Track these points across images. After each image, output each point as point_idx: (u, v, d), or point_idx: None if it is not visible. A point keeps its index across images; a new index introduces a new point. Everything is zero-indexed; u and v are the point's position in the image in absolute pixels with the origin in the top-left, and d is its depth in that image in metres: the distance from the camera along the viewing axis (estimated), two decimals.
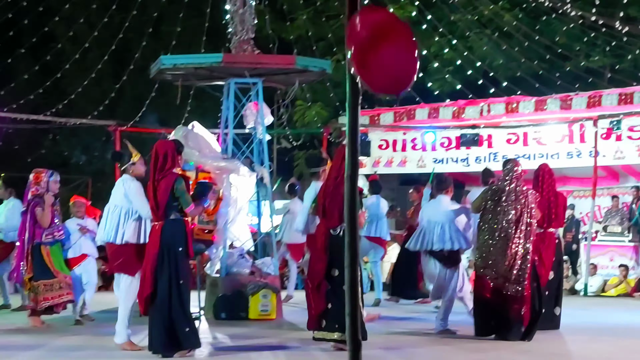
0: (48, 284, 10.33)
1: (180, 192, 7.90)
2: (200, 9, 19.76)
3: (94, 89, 21.45)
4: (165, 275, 7.85)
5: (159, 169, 7.99)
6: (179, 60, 12.80)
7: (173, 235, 7.91)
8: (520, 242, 9.34)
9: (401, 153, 19.28)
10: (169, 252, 7.87)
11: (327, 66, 13.35)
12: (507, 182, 9.53)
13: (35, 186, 10.63)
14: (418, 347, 9.01)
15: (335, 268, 8.30)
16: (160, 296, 7.87)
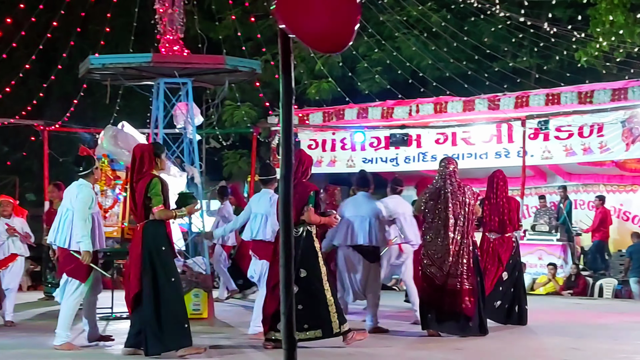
0: None
1: (153, 192, 7.94)
2: (128, 9, 19.56)
3: (20, 89, 21.09)
4: (150, 275, 7.85)
5: (136, 171, 8.11)
6: (108, 60, 12.68)
7: (154, 236, 7.95)
8: (458, 238, 9.53)
9: (330, 153, 19.37)
10: (152, 253, 7.90)
11: (257, 66, 13.38)
12: (442, 181, 9.72)
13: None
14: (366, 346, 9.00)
15: (302, 269, 8.37)
16: (147, 296, 7.85)
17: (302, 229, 8.50)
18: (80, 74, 13.11)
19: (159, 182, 8.04)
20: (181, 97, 13.06)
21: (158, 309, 7.87)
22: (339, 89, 20.54)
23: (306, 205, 8.47)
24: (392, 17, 21.75)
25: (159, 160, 8.27)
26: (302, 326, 8.28)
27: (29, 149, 22.12)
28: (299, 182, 8.54)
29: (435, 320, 9.65)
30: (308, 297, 8.29)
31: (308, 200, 8.48)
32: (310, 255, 8.50)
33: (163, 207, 8.03)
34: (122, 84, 14.04)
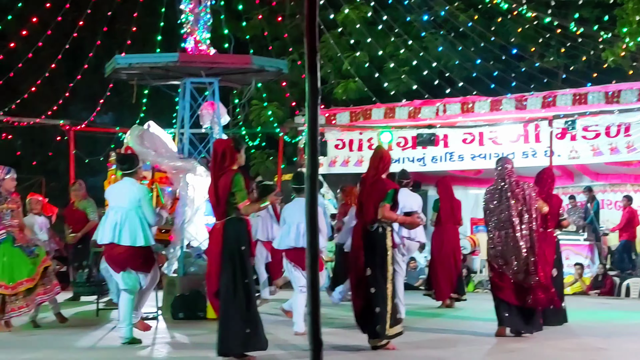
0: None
1: (237, 189, 7.84)
2: (155, 8, 19.63)
3: (47, 88, 21.21)
4: (229, 275, 7.74)
5: (218, 167, 7.98)
6: (134, 59, 12.68)
7: (236, 234, 7.83)
8: (526, 234, 9.54)
9: (357, 153, 19.35)
10: (232, 251, 7.78)
11: (284, 66, 13.35)
12: (501, 180, 9.71)
13: None
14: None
15: (369, 267, 8.42)
16: (224, 295, 7.77)
17: (377, 225, 8.48)
18: (107, 74, 13.12)
19: (241, 178, 7.94)
20: (207, 96, 13.05)
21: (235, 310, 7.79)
22: (366, 89, 20.49)
23: (382, 201, 8.43)
24: (420, 17, 21.66)
25: (239, 155, 8.22)
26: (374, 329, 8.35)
27: (55, 149, 22.28)
28: (379, 179, 8.61)
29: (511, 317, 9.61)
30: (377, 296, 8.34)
31: (385, 197, 8.44)
32: (380, 253, 8.46)
33: (249, 201, 8.00)
34: (148, 84, 14.04)
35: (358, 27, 21.26)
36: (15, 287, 9.86)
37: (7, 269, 9.88)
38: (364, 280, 8.44)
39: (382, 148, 9.73)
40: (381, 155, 8.92)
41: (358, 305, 8.49)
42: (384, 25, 21.08)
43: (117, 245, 8.76)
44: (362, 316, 8.48)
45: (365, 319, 8.46)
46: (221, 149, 8.08)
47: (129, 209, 8.73)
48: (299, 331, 9.56)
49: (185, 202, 11.75)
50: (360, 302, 8.46)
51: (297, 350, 8.38)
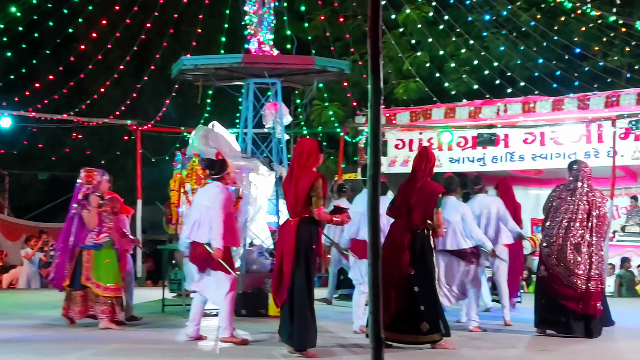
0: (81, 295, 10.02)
1: (315, 194, 7.94)
2: (219, 10, 19.95)
3: (115, 89, 21.67)
4: (302, 271, 7.92)
5: (301, 166, 8.06)
6: (200, 60, 12.96)
7: (309, 233, 7.98)
8: (588, 238, 9.55)
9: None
10: (303, 249, 7.94)
11: (345, 66, 13.51)
12: (575, 181, 9.73)
13: (86, 186, 10.27)
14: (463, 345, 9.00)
15: (413, 267, 8.44)
16: (300, 292, 7.92)
17: (423, 227, 8.54)
18: (173, 75, 13.42)
19: (321, 184, 8.01)
20: (270, 97, 13.27)
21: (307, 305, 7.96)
22: (426, 89, 20.53)
23: (436, 207, 8.51)
24: (481, 17, 21.64)
25: (321, 156, 8.38)
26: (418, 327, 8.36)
27: (123, 148, 22.73)
28: (426, 181, 8.63)
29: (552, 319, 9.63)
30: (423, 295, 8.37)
31: (438, 203, 8.53)
32: (427, 254, 8.53)
33: (323, 209, 8.04)
34: (213, 84, 14.31)
35: (419, 27, 21.31)
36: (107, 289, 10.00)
37: (106, 271, 10.04)
38: (406, 279, 8.40)
39: (427, 148, 9.74)
40: (427, 156, 8.88)
41: (397, 306, 8.33)
42: (445, 25, 21.10)
43: (199, 244, 8.81)
44: (402, 315, 8.36)
45: (406, 317, 8.38)
46: (307, 148, 8.16)
47: (209, 208, 8.78)
48: (356, 329, 9.58)
49: (248, 201, 11.97)
50: (401, 303, 8.37)
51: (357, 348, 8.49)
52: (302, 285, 7.91)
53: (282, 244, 8.15)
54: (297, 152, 8.21)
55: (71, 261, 10.03)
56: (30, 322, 10.88)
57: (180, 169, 12.31)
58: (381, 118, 4.25)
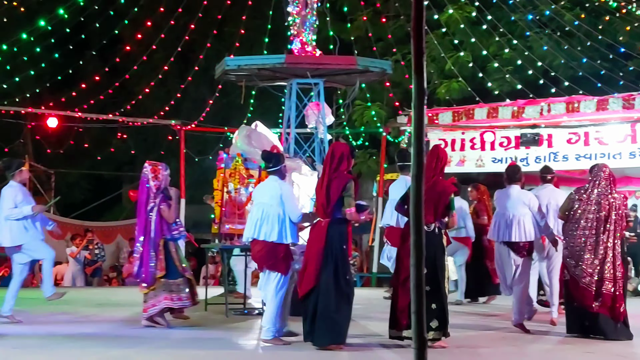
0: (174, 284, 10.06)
1: (347, 194, 8.14)
2: (262, 11, 20.07)
3: (159, 89, 21.93)
4: (330, 271, 8.04)
5: (333, 169, 8.29)
6: (243, 61, 13.09)
7: (340, 234, 8.15)
8: (609, 241, 9.48)
9: (459, 152, 19.29)
10: (334, 249, 8.09)
11: (388, 67, 13.55)
12: (595, 183, 9.69)
13: (155, 180, 10.24)
14: (493, 346, 9.01)
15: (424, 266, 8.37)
16: (325, 291, 8.06)
17: (434, 225, 8.48)
18: (217, 75, 13.55)
19: (353, 185, 8.23)
20: (313, 97, 13.35)
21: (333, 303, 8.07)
22: (469, 89, 20.48)
23: (450, 209, 8.48)
24: (524, 16, 21.54)
25: (352, 160, 8.52)
26: (428, 325, 8.28)
27: (167, 148, 22.95)
28: (438, 180, 8.58)
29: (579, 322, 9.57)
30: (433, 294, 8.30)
31: (450, 205, 8.48)
32: (438, 253, 8.47)
33: (355, 209, 8.19)
34: (256, 85, 14.43)
35: (462, 27, 21.27)
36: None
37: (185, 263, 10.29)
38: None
39: (438, 147, 9.69)
40: (437, 154, 8.81)
41: (405, 302, 8.27)
42: (488, 24, 21.02)
43: (258, 241, 8.76)
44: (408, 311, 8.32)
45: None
46: (339, 152, 8.36)
47: (269, 204, 8.74)
48: None
49: None
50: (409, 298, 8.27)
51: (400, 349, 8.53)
52: (330, 284, 8.04)
53: (311, 244, 8.29)
54: (329, 156, 8.41)
55: (158, 254, 10.04)
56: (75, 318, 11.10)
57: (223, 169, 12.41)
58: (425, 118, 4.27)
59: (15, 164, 10.80)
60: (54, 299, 10.85)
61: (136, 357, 7.89)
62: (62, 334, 9.39)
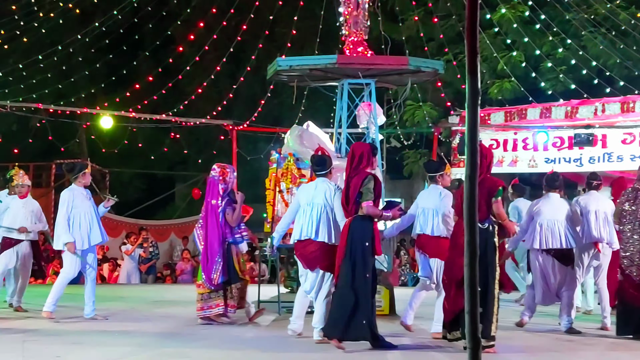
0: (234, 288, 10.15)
1: (365, 188, 8.14)
2: (314, 11, 20.14)
3: (211, 90, 22.10)
4: (348, 267, 8.07)
5: (353, 168, 8.32)
6: (295, 61, 13.11)
7: (362, 231, 8.14)
8: None
9: (512, 153, 19.19)
10: (355, 247, 8.11)
11: (440, 66, 13.49)
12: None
13: (222, 183, 10.33)
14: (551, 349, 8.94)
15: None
16: (340, 285, 8.13)
17: (488, 223, 8.34)
18: (269, 76, 13.61)
19: (372, 180, 8.22)
20: (364, 97, 13.35)
21: (350, 300, 8.08)
22: (521, 89, 20.33)
23: (494, 197, 8.31)
24: (578, 16, 21.30)
25: (374, 159, 8.53)
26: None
27: (219, 148, 23.16)
28: (485, 178, 8.40)
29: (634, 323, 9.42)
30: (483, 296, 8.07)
31: (497, 193, 8.34)
32: (489, 252, 8.28)
33: (372, 203, 8.18)
34: (307, 85, 14.47)
35: (514, 27, 21.11)
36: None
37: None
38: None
39: (482, 145, 9.58)
40: (482, 153, 8.53)
41: (459, 305, 8.17)
42: (541, 24, 20.84)
43: (312, 241, 8.72)
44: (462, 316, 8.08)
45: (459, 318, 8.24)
46: (359, 152, 8.38)
47: (323, 205, 8.73)
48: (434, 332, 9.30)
49: None
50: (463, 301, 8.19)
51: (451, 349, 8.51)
52: (347, 280, 8.07)
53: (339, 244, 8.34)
54: (350, 156, 8.44)
55: (221, 257, 10.13)
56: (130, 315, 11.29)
57: (275, 168, 12.48)
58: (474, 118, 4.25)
59: (77, 167, 10.76)
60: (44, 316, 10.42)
61: (191, 353, 7.96)
62: (118, 331, 9.55)
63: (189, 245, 21.52)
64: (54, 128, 20.85)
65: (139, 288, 17.42)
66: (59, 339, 8.66)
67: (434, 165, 10.22)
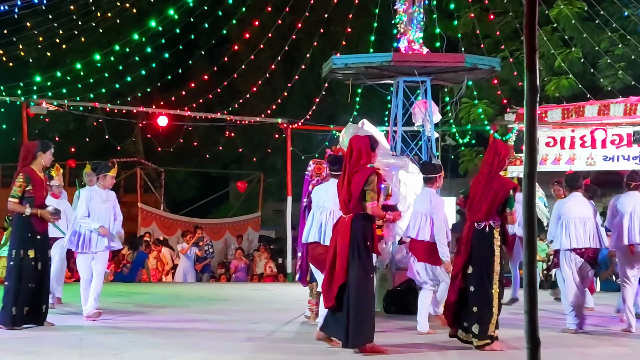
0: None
1: (369, 188, 7.94)
2: (368, 9, 20.09)
3: (265, 88, 22.18)
4: (359, 269, 7.88)
5: (353, 163, 8.07)
6: (350, 60, 13.11)
7: (363, 229, 7.95)
8: None
9: (569, 150, 18.98)
10: (358, 245, 7.93)
11: (496, 64, 13.39)
12: None
13: (316, 178, 10.14)
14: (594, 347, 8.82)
15: (471, 265, 8.16)
16: (357, 288, 7.87)
17: (485, 223, 8.17)
18: (324, 74, 13.62)
19: (375, 178, 8.01)
20: (419, 94, 13.29)
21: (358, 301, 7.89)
22: (579, 86, 20.06)
23: (508, 207, 8.11)
24: (638, 11, 20.94)
25: (374, 154, 8.37)
26: (462, 324, 8.19)
27: (273, 146, 23.23)
28: (495, 176, 8.25)
29: None
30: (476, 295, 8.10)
31: (508, 203, 8.11)
32: (485, 252, 8.12)
33: (376, 203, 8.00)
34: (362, 83, 14.44)
35: (572, 23, 20.83)
36: None
37: None
38: (460, 276, 8.16)
39: (497, 141, 9.36)
40: (495, 149, 8.43)
41: (451, 298, 8.23)
42: (600, 20, 20.54)
43: (319, 244, 8.79)
44: (455, 312, 8.22)
45: (458, 315, 8.21)
46: (357, 147, 8.11)
47: (334, 209, 8.68)
48: (422, 331, 9.34)
49: (397, 199, 12.00)
50: (454, 296, 8.21)
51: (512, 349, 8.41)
52: (359, 282, 7.84)
53: (335, 242, 8.08)
54: (348, 151, 8.18)
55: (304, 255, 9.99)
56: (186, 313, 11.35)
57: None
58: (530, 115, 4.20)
59: (100, 167, 10.54)
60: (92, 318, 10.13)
61: (247, 351, 7.97)
62: (174, 328, 9.61)
63: (243, 244, 21.62)
64: (110, 127, 21.09)
65: (194, 287, 17.53)
66: (116, 337, 8.75)
67: (428, 167, 10.04)
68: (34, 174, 9.30)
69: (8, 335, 8.67)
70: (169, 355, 7.74)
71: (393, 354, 7.94)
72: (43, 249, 9.40)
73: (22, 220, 9.30)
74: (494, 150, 8.43)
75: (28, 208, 9.19)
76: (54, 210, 9.45)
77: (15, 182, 9.28)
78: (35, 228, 9.28)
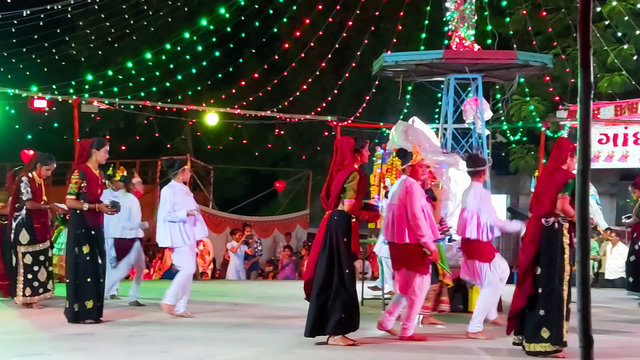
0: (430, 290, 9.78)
1: (349, 185, 8.06)
2: (419, 7, 20.03)
3: (315, 86, 22.20)
4: (325, 263, 7.99)
5: (338, 163, 8.26)
6: (401, 57, 13.06)
7: (339, 225, 8.06)
8: None
9: (622, 147, 18.80)
10: (332, 241, 8.02)
11: (548, 61, 13.25)
12: None
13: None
14: None
15: (538, 266, 7.75)
16: (318, 282, 8.02)
17: (553, 220, 7.76)
18: (374, 72, 13.59)
19: (357, 176, 8.09)
20: (470, 92, 13.21)
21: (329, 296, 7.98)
22: (632, 82, 19.80)
23: (561, 192, 7.67)
24: None
25: (359, 155, 8.35)
26: (538, 333, 7.66)
27: (322, 143, 23.26)
28: (558, 170, 7.91)
29: None
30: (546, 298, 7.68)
31: (565, 187, 7.67)
32: (554, 251, 7.70)
33: (354, 202, 8.06)
34: (413, 80, 14.40)
35: (626, 19, 20.56)
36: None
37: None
38: (530, 278, 7.72)
39: (561, 137, 9.24)
40: (558, 144, 8.21)
41: (519, 304, 7.78)
42: None
43: (393, 243, 8.73)
44: (521, 316, 7.81)
45: (523, 319, 7.79)
46: (340, 147, 8.28)
47: (399, 205, 8.65)
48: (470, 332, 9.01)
49: (447, 196, 11.95)
50: (523, 302, 7.75)
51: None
52: (324, 276, 7.95)
53: (315, 238, 8.27)
54: (334, 152, 8.35)
55: None
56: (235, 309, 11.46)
57: (379, 164, 12.44)
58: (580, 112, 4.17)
59: (177, 163, 10.66)
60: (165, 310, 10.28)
61: (296, 350, 7.98)
62: (223, 325, 9.65)
63: (291, 241, 21.68)
64: (160, 125, 21.29)
65: (243, 284, 17.63)
66: (164, 334, 8.78)
67: (473, 160, 9.78)
68: (88, 171, 9.50)
69: (59, 332, 8.76)
70: (218, 352, 7.76)
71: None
72: (98, 244, 9.56)
73: (75, 217, 9.52)
74: (557, 145, 8.24)
75: (85, 204, 9.40)
76: (112, 204, 9.65)
77: (71, 180, 9.49)
78: (88, 224, 9.46)
